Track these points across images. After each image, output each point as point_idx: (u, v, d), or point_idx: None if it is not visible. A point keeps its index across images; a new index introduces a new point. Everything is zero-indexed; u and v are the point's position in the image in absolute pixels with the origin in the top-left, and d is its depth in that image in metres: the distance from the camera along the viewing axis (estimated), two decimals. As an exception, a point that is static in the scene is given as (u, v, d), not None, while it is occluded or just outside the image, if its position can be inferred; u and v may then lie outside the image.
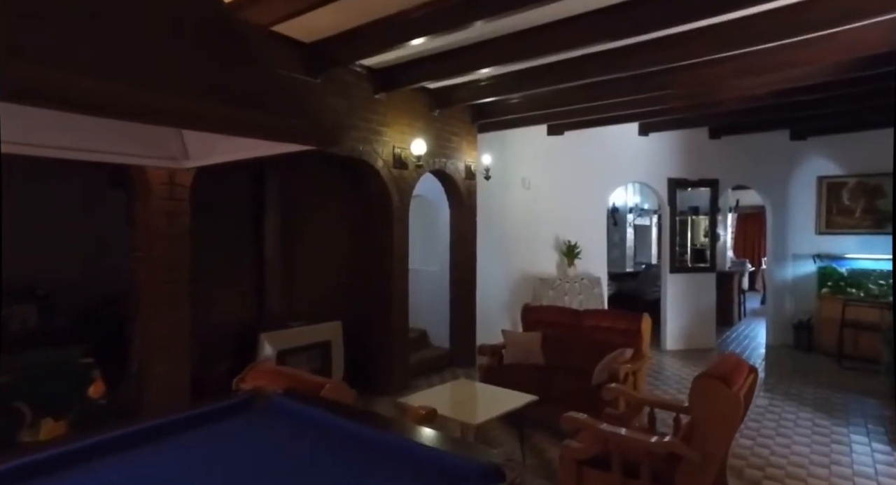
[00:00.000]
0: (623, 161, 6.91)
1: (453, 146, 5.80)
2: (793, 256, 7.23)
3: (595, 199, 6.89)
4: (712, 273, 7.20)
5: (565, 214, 6.85)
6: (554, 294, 6.38)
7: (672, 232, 7.06)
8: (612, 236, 9.56)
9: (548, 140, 6.84)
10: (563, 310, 4.86)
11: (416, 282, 6.79)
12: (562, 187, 6.85)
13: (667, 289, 7.06)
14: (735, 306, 9.18)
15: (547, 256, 6.83)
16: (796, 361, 6.49)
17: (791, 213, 7.24)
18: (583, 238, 6.78)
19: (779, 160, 7.22)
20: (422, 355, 6.12)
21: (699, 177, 7.07)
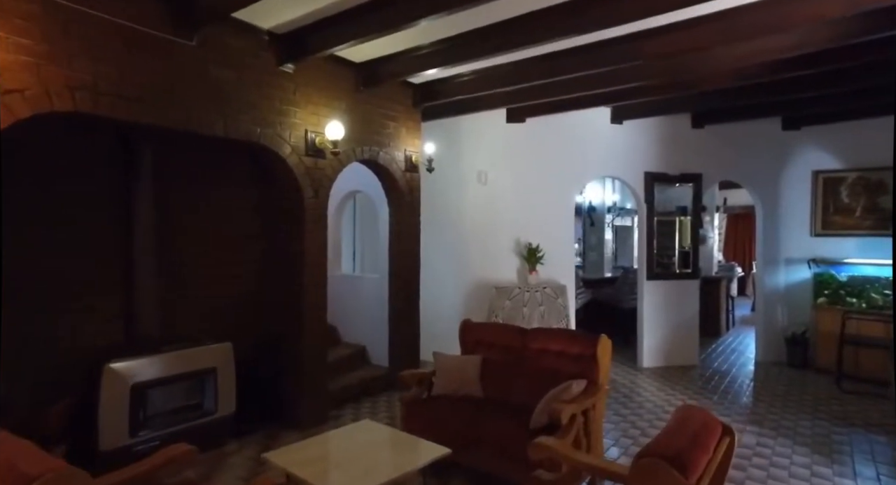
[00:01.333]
0: (594, 153, 6.08)
1: (389, 133, 4.94)
2: (785, 260, 6.41)
3: (561, 196, 6.05)
4: (695, 280, 6.37)
5: (527, 213, 6.00)
6: (511, 306, 5.53)
7: (649, 234, 6.23)
8: (588, 238, 8.74)
9: (507, 129, 5.99)
10: (506, 329, 4.00)
11: (355, 291, 5.93)
12: (523, 183, 6.00)
13: (643, 298, 6.22)
14: (723, 315, 8.36)
15: (506, 262, 5.99)
16: (790, 381, 5.66)
17: (783, 212, 6.42)
18: (547, 240, 5.93)
19: (769, 153, 6.40)
20: (359, 375, 5.26)
21: (680, 171, 6.24)
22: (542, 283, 5.76)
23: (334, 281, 6.13)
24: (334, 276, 6.04)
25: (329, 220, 6.23)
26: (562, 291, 5.66)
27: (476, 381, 3.76)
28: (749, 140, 6.38)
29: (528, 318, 5.46)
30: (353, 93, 4.54)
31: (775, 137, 6.38)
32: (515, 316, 5.47)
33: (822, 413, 4.64)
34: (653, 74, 4.39)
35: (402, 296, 5.25)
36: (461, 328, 4.16)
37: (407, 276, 5.27)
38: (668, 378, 5.75)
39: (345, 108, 4.45)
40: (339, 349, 5.64)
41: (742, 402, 4.98)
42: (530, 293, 5.61)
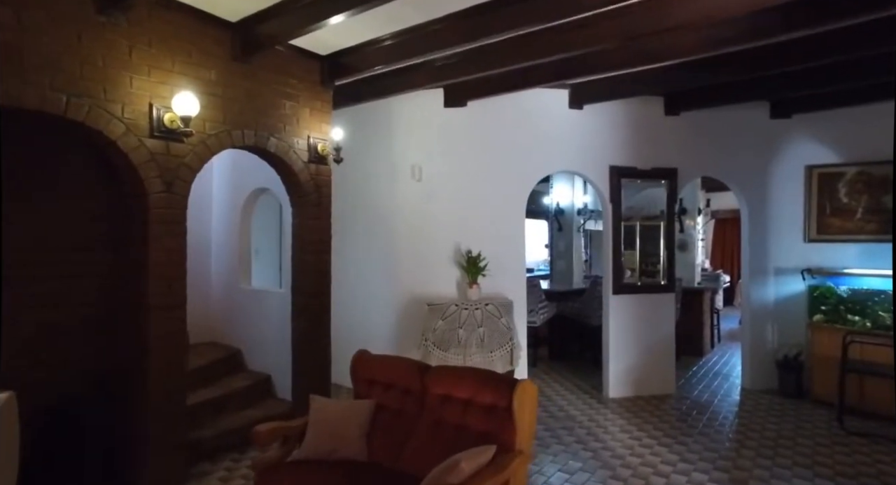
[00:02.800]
0: (549, 143, 5.13)
1: (285, 115, 3.97)
2: (775, 270, 5.48)
3: (511, 195, 5.10)
4: (671, 293, 5.42)
5: (469, 214, 5.04)
6: (445, 327, 4.55)
7: (616, 239, 5.28)
8: (556, 244, 7.80)
9: (445, 115, 5.04)
10: (405, 365, 3.01)
11: (260, 309, 4.93)
12: (465, 179, 5.05)
13: (609, 316, 5.26)
14: (706, 331, 7.42)
15: (445, 273, 5.02)
16: (782, 416, 4.71)
17: (772, 213, 5.50)
18: (493, 247, 4.98)
19: (755, 144, 5.49)
20: (253, 414, 4.25)
21: (652, 165, 5.31)
22: (484, 298, 4.79)
23: (240, 297, 5.15)
24: (240, 291, 5.05)
25: (231, 222, 5.29)
26: (507, 309, 4.69)
27: (360, 438, 2.78)
28: (732, 130, 5.46)
29: (464, 342, 4.49)
30: (228, 61, 3.56)
31: (762, 127, 5.47)
32: (450, 340, 4.50)
33: (824, 465, 3.68)
34: (604, 36, 3.45)
35: (307, 315, 4.26)
36: (353, 362, 3.18)
37: (313, 290, 4.28)
38: (637, 413, 4.78)
39: (215, 80, 3.48)
40: (238, 379, 4.64)
41: (723, 449, 4.02)
42: (469, 311, 4.63)
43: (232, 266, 5.16)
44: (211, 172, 5.30)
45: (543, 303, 6.51)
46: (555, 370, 6.31)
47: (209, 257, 5.33)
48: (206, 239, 5.31)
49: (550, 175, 7.97)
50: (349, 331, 5.40)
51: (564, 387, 5.60)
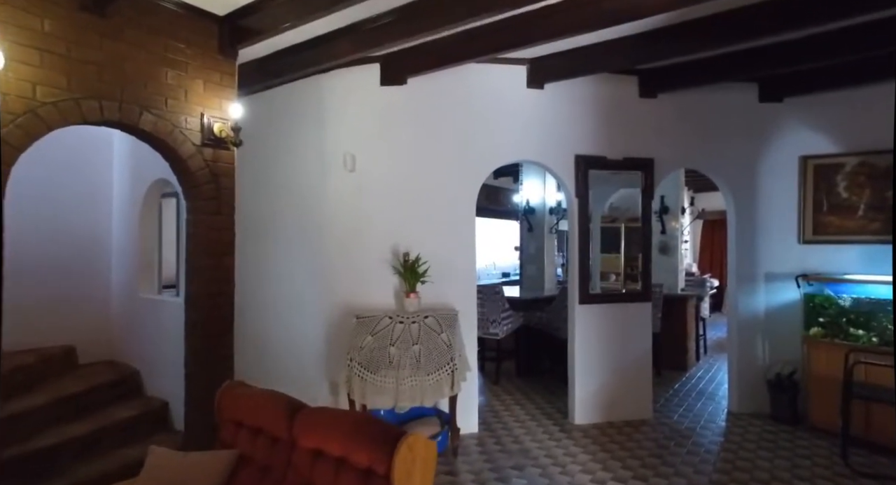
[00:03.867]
0: (505, 129, 4.41)
1: (168, 86, 3.22)
2: (766, 276, 4.78)
3: (459, 189, 4.37)
4: (647, 303, 4.71)
5: (409, 212, 4.31)
6: (374, 344, 3.80)
7: (583, 239, 4.57)
8: (526, 247, 7.08)
9: (383, 95, 4.32)
10: (273, 403, 2.25)
11: (158, 321, 4.17)
12: (405, 169, 4.32)
13: (574, 329, 4.53)
14: (691, 342, 6.72)
15: (381, 280, 4.28)
16: (775, 449, 3.99)
17: (762, 211, 4.81)
18: (437, 250, 4.25)
19: (743, 131, 4.79)
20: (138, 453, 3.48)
21: (625, 155, 4.60)
22: (424, 309, 4.05)
23: (140, 307, 4.38)
24: (140, 300, 4.29)
25: (130, 218, 4.53)
26: (450, 322, 3.94)
27: (203, 509, 2.03)
28: (716, 115, 4.77)
29: (396, 362, 3.74)
30: (73, 11, 2.81)
31: (751, 112, 4.78)
32: (379, 360, 3.75)
33: (826, 520, 2.97)
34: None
35: (202, 332, 3.50)
36: (218, 398, 2.43)
37: (211, 302, 3.53)
38: (605, 444, 4.05)
39: (50, 33, 2.71)
40: (126, 408, 3.86)
41: (704, 492, 3.30)
42: (404, 325, 3.89)
43: (133, 270, 4.40)
44: (110, 159, 4.54)
45: (507, 313, 5.78)
46: (519, 389, 5.58)
47: (108, 260, 4.56)
48: (105, 239, 4.54)
49: (520, 170, 7.27)
50: (275, 347, 4.67)
51: (525, 410, 4.86)
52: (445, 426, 3.95)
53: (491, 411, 4.83)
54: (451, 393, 3.77)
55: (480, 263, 9.85)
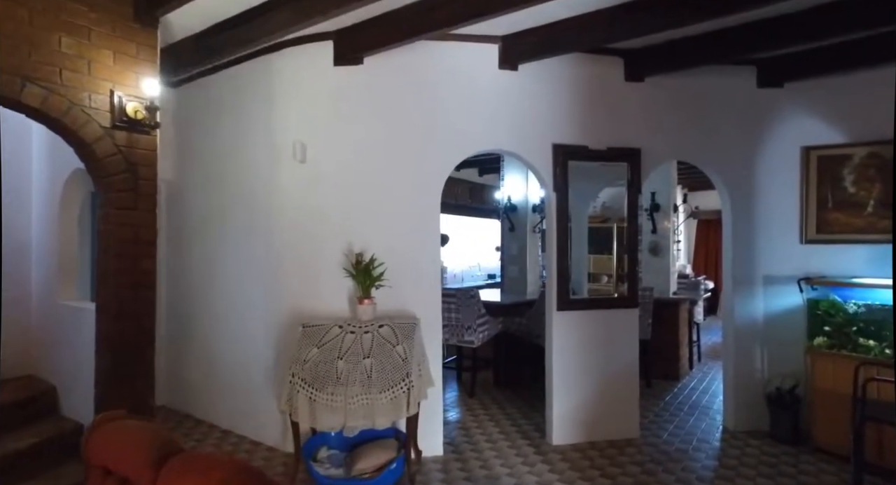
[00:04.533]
0: (474, 115, 3.94)
1: (64, 55, 2.74)
2: (764, 279, 4.32)
3: (421, 182, 3.89)
4: (633, 309, 4.24)
5: (367, 207, 3.84)
6: (320, 357, 3.32)
7: (561, 238, 4.09)
8: (508, 247, 6.61)
9: (336, 76, 3.84)
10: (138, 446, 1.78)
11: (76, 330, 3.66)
12: (361, 160, 3.84)
13: (552, 338, 4.06)
14: (684, 350, 6.26)
15: (336, 283, 3.80)
16: (777, 475, 3.53)
17: (761, 207, 4.35)
18: (398, 250, 3.78)
19: (740, 120, 4.34)
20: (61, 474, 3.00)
21: (609, 144, 4.13)
22: (380, 317, 3.57)
23: (60, 315, 3.89)
24: (60, 307, 3.80)
25: (50, 215, 4.03)
26: (408, 332, 3.46)
27: None
28: (710, 102, 4.31)
29: (344, 378, 3.26)
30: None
31: (748, 98, 4.32)
32: (325, 376, 3.26)
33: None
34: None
35: (115, 347, 3.01)
36: (86, 436, 1.94)
37: (127, 310, 3.04)
38: (585, 470, 3.58)
39: None
40: (41, 430, 3.37)
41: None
42: (355, 336, 3.41)
43: (53, 274, 3.90)
44: (29, 149, 4.04)
45: (483, 318, 5.31)
46: (496, 402, 5.10)
47: (28, 262, 4.06)
48: (24, 238, 4.04)
49: (501, 164, 6.80)
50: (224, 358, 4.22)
51: (500, 427, 4.39)
52: (403, 450, 3.48)
53: (462, 429, 4.36)
54: (407, 413, 3.29)
55: (464, 264, 9.38)
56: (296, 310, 3.80)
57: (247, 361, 4.16)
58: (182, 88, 4.71)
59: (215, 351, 4.44)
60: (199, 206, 4.64)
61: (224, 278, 4.38)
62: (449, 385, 5.73)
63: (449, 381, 5.87)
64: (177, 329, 4.81)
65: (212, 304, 4.50)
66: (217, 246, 4.44)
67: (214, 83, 4.41)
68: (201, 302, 4.59)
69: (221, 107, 4.38)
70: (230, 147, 4.32)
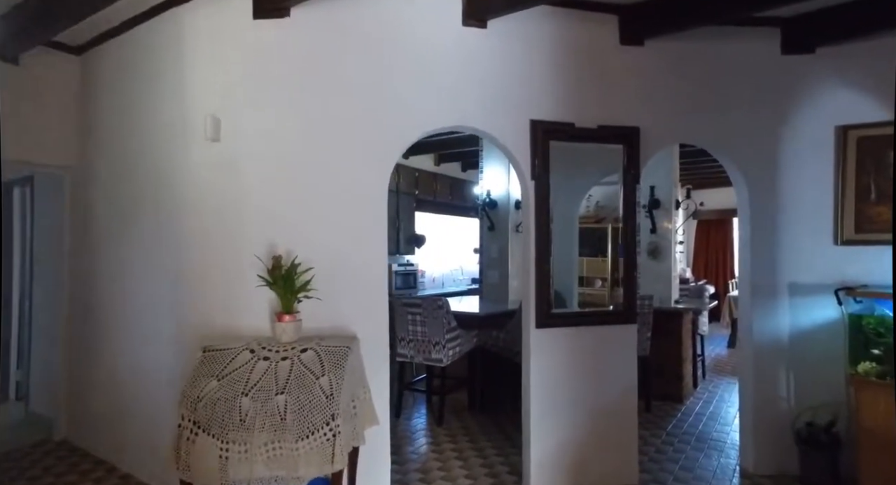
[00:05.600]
0: (431, 83, 3.14)
1: None
2: (790, 287, 3.53)
3: (365, 167, 3.08)
4: (630, 325, 3.44)
5: (297, 198, 3.03)
6: (220, 393, 2.50)
7: (541, 239, 3.29)
8: (487, 248, 5.83)
9: (257, 33, 3.03)
10: None
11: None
12: (289, 140, 3.03)
13: (530, 363, 3.25)
14: (687, 366, 5.48)
15: (257, 293, 2.97)
16: (814, 542, 2.74)
17: (786, 201, 3.56)
18: (334, 251, 2.98)
19: (761, 94, 3.56)
20: None
21: (600, 122, 3.34)
22: (306, 338, 2.76)
23: None
24: None
25: None
26: (338, 358, 2.64)
27: None
28: (724, 70, 3.54)
29: (249, 421, 2.45)
30: None
31: (771, 67, 3.54)
32: (226, 417, 2.45)
33: None
34: None
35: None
36: None
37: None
38: (568, 534, 2.78)
39: None
40: None
41: None
42: (270, 363, 2.60)
43: None
44: None
45: (454, 333, 4.51)
46: (468, 434, 4.30)
47: None
48: None
49: (480, 153, 6.00)
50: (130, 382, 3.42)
51: (468, 469, 3.59)
52: (331, 513, 2.67)
53: (419, 472, 3.55)
54: (331, 468, 2.48)
55: (445, 267, 8.59)
56: (207, 328, 2.99)
57: (151, 391, 3.35)
58: (87, 55, 3.91)
59: (119, 379, 3.62)
60: (106, 199, 3.83)
61: (132, 288, 3.57)
62: (416, 410, 4.94)
63: (417, 405, 5.08)
64: (81, 351, 3.99)
65: (118, 320, 3.69)
66: (125, 248, 3.63)
67: (123, 45, 3.61)
68: (108, 317, 3.78)
69: (129, 74, 3.58)
70: (138, 125, 3.52)
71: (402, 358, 4.72)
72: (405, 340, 4.68)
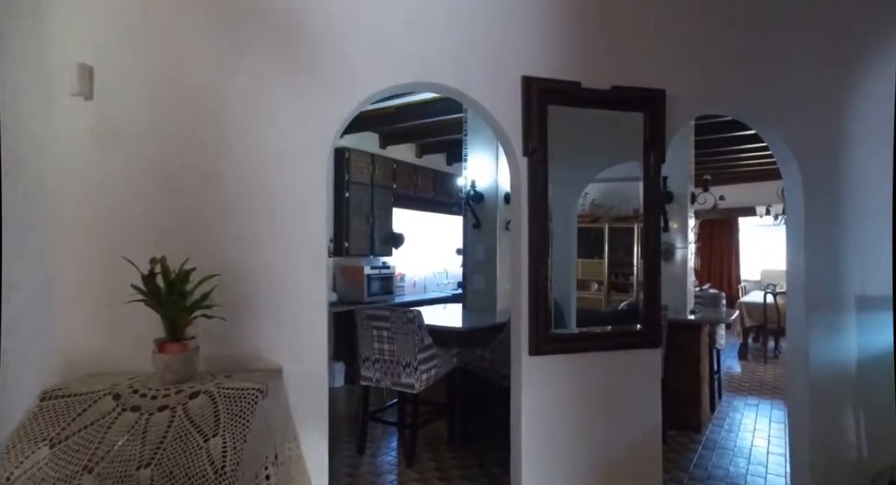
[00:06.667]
0: (382, 25, 2.30)
1: None
2: (858, 301, 2.73)
3: (296, 137, 2.24)
4: (655, 349, 2.62)
5: (199, 185, 2.18)
6: (49, 470, 1.65)
7: (536, 235, 2.46)
8: (471, 249, 5.01)
9: (143, -55, 2.18)
10: None
11: None
12: (188, 96, 2.18)
13: (522, 400, 2.43)
14: (705, 389, 4.68)
15: (145, 316, 2.12)
16: None
17: (854, 188, 2.76)
18: (248, 255, 2.14)
19: (826, 46, 2.76)
20: None
21: (613, 82, 2.52)
22: (200, 375, 1.92)
23: None
24: None
25: None
26: (243, 408, 1.80)
27: None
28: (775, 14, 2.73)
29: (92, 513, 1.61)
30: None
31: (838, 7, 2.75)
32: (55, 506, 1.61)
33: None
34: None
35: None
36: None
37: None
38: None
39: None
40: None
41: None
42: (140, 417, 1.75)
43: None
44: None
45: (428, 352, 3.68)
46: (445, 476, 3.47)
47: None
48: None
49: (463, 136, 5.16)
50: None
51: (440, 537, 2.75)
52: None
53: (377, 541, 2.71)
54: None
55: (428, 270, 7.76)
56: (65, 360, 2.14)
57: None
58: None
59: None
60: None
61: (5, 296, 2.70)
62: (384, 445, 4.10)
63: (386, 437, 4.25)
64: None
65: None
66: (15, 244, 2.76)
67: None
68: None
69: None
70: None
71: (367, 382, 3.88)
72: (370, 360, 3.84)
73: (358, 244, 6.17)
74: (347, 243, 6.04)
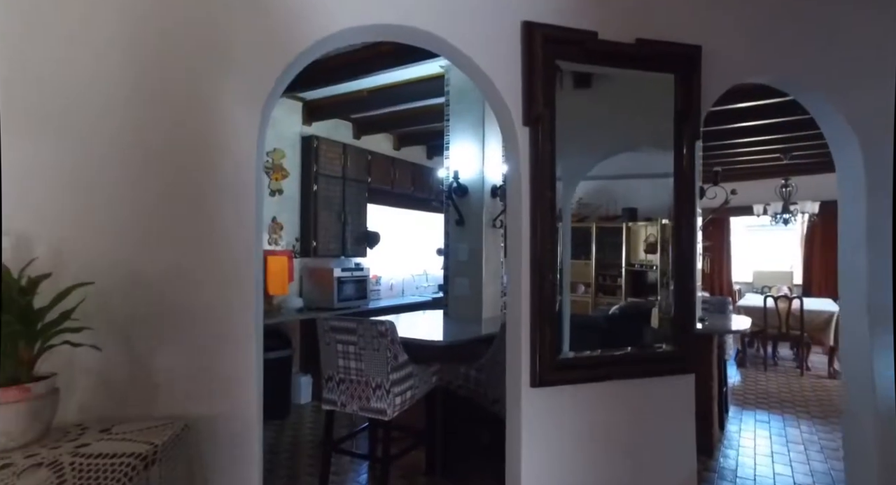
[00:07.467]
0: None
1: None
2: (930, 312, 2.21)
3: (216, 111, 1.63)
4: (688, 376, 2.06)
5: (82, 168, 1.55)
6: None
7: (540, 234, 1.88)
8: (454, 249, 4.43)
9: None
10: None
11: None
12: (72, 58, 1.55)
13: (521, 441, 1.84)
14: (714, 406, 4.16)
15: None
16: None
17: (925, 173, 2.24)
18: (137, 254, 1.51)
19: (884, 5, 2.23)
20: None
21: (637, 34, 1.96)
22: (54, 432, 1.29)
23: None
24: None
25: None
26: None
27: None
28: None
29: None
30: None
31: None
32: None
33: None
34: None
35: None
36: None
37: None
38: None
39: None
40: None
41: None
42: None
43: None
44: None
45: (403, 371, 3.07)
46: (421, 523, 2.87)
47: None
48: None
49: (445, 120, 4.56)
50: None
51: None
52: None
53: None
54: None
55: (406, 272, 7.17)
56: None
57: None
58: None
59: None
60: None
61: None
62: (351, 479, 3.49)
63: (354, 470, 3.64)
64: None
65: None
66: None
67: None
68: None
69: None
70: None
71: (330, 406, 3.26)
72: (333, 380, 3.22)
73: (327, 244, 5.54)
74: (315, 243, 5.40)
